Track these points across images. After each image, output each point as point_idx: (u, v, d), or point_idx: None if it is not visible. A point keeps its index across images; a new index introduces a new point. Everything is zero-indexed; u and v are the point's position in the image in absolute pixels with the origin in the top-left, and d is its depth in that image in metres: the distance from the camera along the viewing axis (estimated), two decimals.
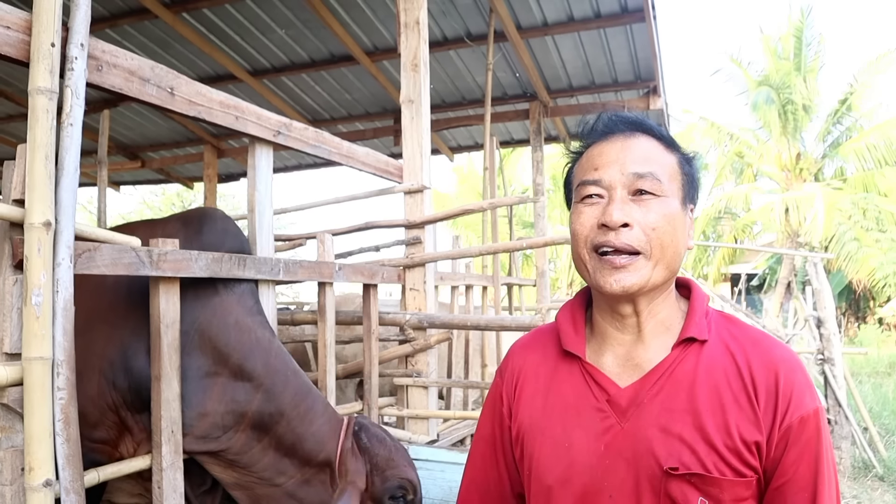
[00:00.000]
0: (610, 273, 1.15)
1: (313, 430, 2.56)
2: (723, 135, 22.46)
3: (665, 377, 1.17)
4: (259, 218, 2.91)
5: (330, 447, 2.56)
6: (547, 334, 1.37)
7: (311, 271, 3.10)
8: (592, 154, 1.24)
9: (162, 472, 2.35)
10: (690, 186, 1.23)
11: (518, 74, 7.74)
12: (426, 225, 4.02)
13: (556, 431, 1.22)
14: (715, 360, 1.17)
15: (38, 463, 1.82)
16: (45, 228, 1.85)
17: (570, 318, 1.32)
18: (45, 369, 1.84)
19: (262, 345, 2.55)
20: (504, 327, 3.68)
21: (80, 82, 1.98)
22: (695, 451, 1.10)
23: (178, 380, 2.38)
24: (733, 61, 21.79)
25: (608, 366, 1.23)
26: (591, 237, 1.18)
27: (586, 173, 1.22)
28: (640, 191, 1.17)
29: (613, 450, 1.15)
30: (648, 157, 1.19)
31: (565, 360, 1.28)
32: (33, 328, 1.83)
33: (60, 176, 1.93)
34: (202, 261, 2.46)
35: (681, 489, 1.09)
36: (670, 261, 1.17)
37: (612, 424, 1.17)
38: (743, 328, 1.23)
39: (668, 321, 1.23)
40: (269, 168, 2.98)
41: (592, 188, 1.20)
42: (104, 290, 2.46)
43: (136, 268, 2.20)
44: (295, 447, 2.52)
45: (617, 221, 1.14)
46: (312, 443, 2.54)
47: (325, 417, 2.62)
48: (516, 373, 1.34)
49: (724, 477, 1.09)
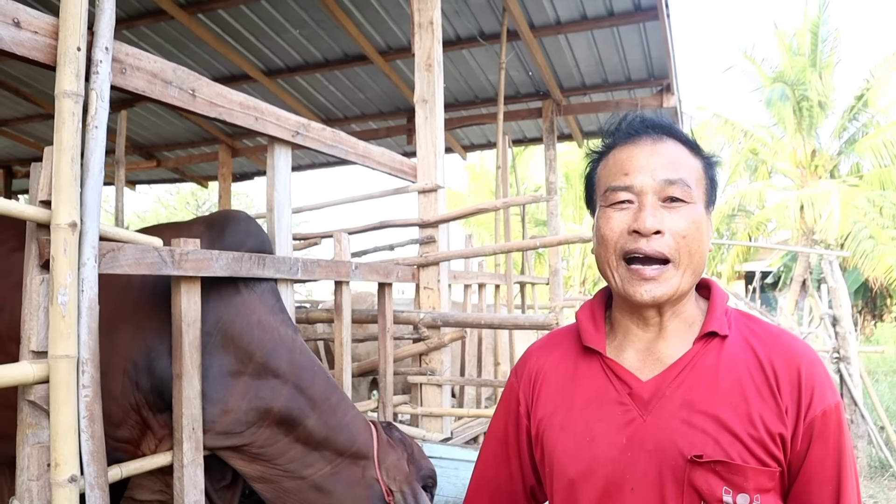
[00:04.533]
0: (640, 284, 1.17)
1: (346, 421, 2.60)
2: (737, 132, 22.34)
3: (687, 370, 1.19)
4: (278, 217, 2.94)
5: (363, 439, 2.60)
6: (565, 335, 1.39)
7: (329, 270, 3.13)
8: (620, 157, 1.24)
9: (183, 468, 2.39)
10: (712, 190, 1.25)
11: (531, 73, 7.75)
12: (440, 224, 4.04)
13: (577, 426, 1.24)
14: (736, 354, 1.19)
15: (64, 459, 1.86)
16: (71, 229, 1.89)
17: (590, 315, 1.33)
18: (70, 367, 1.88)
19: (285, 343, 2.58)
20: (518, 326, 3.70)
21: (104, 85, 2.01)
22: (718, 441, 1.11)
23: (199, 378, 2.42)
24: (747, 57, 21.66)
25: (629, 360, 1.24)
26: (620, 243, 1.19)
27: (615, 178, 1.23)
28: (670, 198, 1.18)
29: (635, 442, 1.17)
30: (678, 162, 1.20)
31: (585, 357, 1.30)
32: (59, 327, 1.87)
33: (86, 177, 1.97)
34: (223, 260, 2.50)
35: (705, 478, 1.10)
36: (696, 266, 1.19)
37: (634, 417, 1.18)
38: (762, 325, 1.24)
39: (690, 319, 1.25)
40: (287, 168, 3.01)
41: (623, 194, 1.20)
42: (129, 291, 2.51)
43: (158, 267, 2.24)
44: (327, 439, 2.56)
45: (650, 229, 1.15)
46: (346, 434, 2.58)
47: (355, 411, 2.67)
48: (534, 373, 1.36)
49: (749, 465, 1.10)
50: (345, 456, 2.60)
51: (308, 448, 2.57)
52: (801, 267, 20.37)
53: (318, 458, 2.58)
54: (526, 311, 6.67)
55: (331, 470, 2.59)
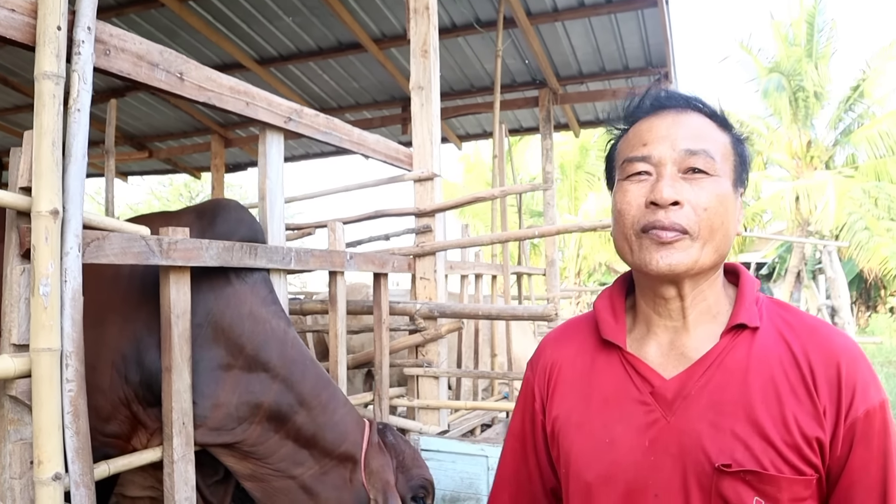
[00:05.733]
0: (656, 250, 1.08)
1: (335, 420, 2.52)
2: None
3: (714, 367, 1.10)
4: (270, 206, 2.86)
5: (352, 440, 2.53)
6: (582, 325, 1.30)
7: (323, 260, 3.05)
8: (640, 129, 1.16)
9: (173, 464, 2.31)
10: (742, 168, 1.16)
11: (527, 61, 7.66)
12: (436, 213, 3.97)
13: (595, 427, 1.16)
14: (768, 348, 1.10)
15: (47, 456, 1.79)
16: (53, 217, 1.81)
17: (609, 305, 1.24)
18: (53, 361, 1.81)
19: (277, 335, 2.51)
20: (516, 316, 3.63)
21: (87, 67, 1.93)
22: (749, 447, 1.03)
23: (188, 371, 2.34)
24: (743, 48, 21.57)
25: (651, 356, 1.16)
26: (638, 217, 1.11)
27: (633, 149, 1.15)
28: (692, 169, 1.10)
29: (659, 446, 1.09)
30: (701, 134, 1.12)
31: (604, 351, 1.21)
32: (41, 319, 1.79)
33: (68, 163, 1.88)
34: (213, 250, 2.42)
35: (734, 488, 1.02)
36: (719, 244, 1.10)
37: (657, 418, 1.10)
38: (798, 315, 1.15)
39: (716, 308, 1.16)
40: (280, 155, 2.93)
41: (640, 164, 1.13)
42: (118, 282, 2.43)
43: (145, 257, 2.16)
44: (315, 438, 2.49)
45: (667, 199, 1.07)
46: (334, 434, 2.51)
47: (346, 409, 2.59)
48: (549, 366, 1.28)
49: (783, 475, 1.01)
50: (332, 456, 2.53)
51: (298, 446, 2.50)
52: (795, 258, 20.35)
53: (308, 457, 2.51)
54: (522, 301, 6.60)
55: (319, 470, 2.52)
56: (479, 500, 3.72)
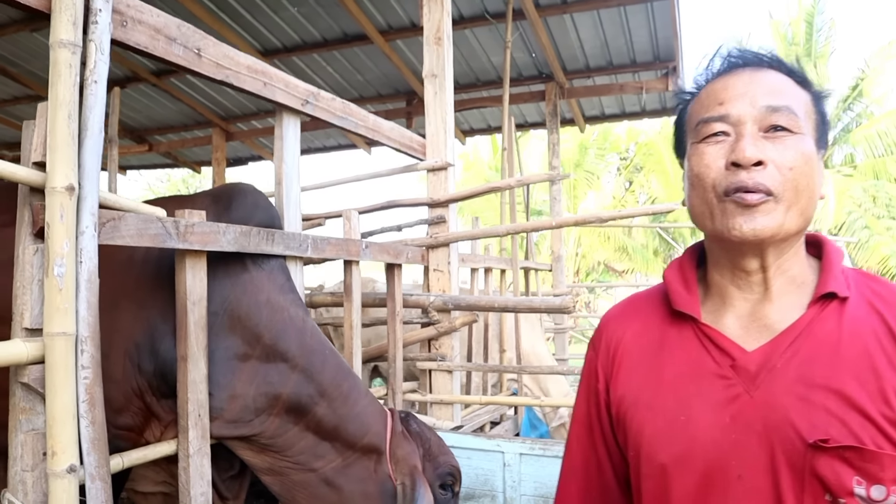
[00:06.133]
0: (739, 214, 1.00)
1: (357, 410, 2.43)
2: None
3: (802, 338, 1.01)
4: (286, 191, 2.76)
5: (375, 430, 2.44)
6: (647, 300, 1.21)
7: (339, 248, 2.96)
8: (715, 89, 1.08)
9: (188, 458, 2.22)
10: (824, 128, 1.08)
11: (534, 54, 7.57)
12: (450, 203, 3.88)
13: (667, 404, 1.07)
14: (860, 319, 1.01)
15: (62, 447, 1.68)
16: (68, 193, 1.71)
17: (680, 276, 1.16)
18: (68, 346, 1.70)
19: (295, 324, 2.41)
20: (533, 309, 3.54)
21: (104, 37, 1.83)
22: (845, 422, 0.94)
23: (205, 360, 2.25)
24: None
25: (730, 328, 1.07)
26: (718, 180, 1.02)
27: (709, 109, 1.07)
28: (773, 126, 1.01)
29: (741, 422, 1.00)
30: (782, 90, 1.04)
31: (675, 324, 1.12)
32: (55, 301, 1.68)
33: (84, 137, 1.78)
34: (230, 234, 2.32)
35: (832, 467, 0.93)
36: (805, 207, 1.01)
37: (739, 393, 1.01)
38: (887, 286, 1.06)
39: (800, 278, 1.07)
40: (296, 139, 2.83)
41: (717, 125, 1.04)
42: (131, 267, 2.33)
43: (162, 239, 2.06)
44: (337, 430, 2.39)
45: (750, 158, 0.99)
46: (356, 425, 2.41)
47: (367, 399, 2.49)
48: (613, 344, 1.19)
49: (885, 451, 0.92)
50: (356, 448, 2.43)
51: (318, 438, 2.41)
52: None
53: (329, 449, 2.42)
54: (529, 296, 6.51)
55: (342, 463, 2.42)
56: (494, 498, 3.63)
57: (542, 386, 5.62)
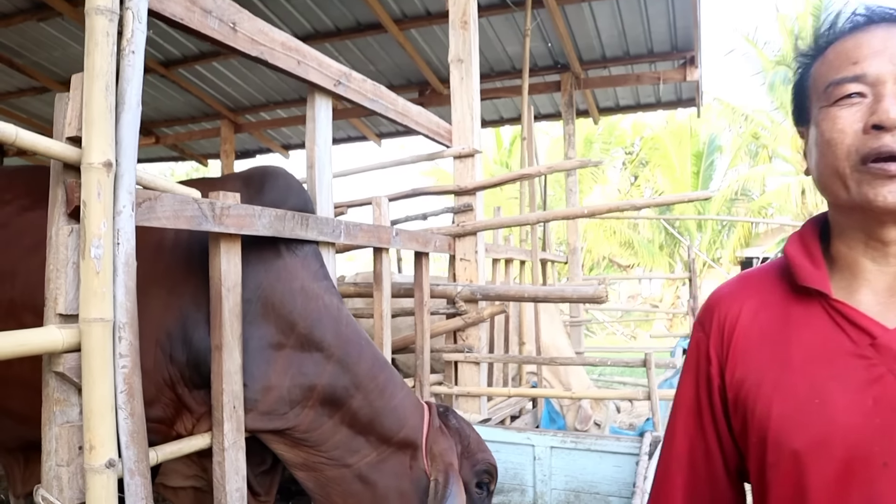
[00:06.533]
0: (881, 184, 0.90)
1: (394, 404, 2.33)
2: (737, 116, 22.14)
3: None
4: (319, 175, 2.66)
5: (412, 425, 2.34)
6: (762, 276, 1.10)
7: (370, 235, 2.85)
8: (845, 47, 0.98)
9: (223, 451, 2.11)
10: None
11: (550, 44, 7.44)
12: (477, 191, 3.77)
13: (798, 387, 0.96)
14: None
15: (100, 441, 1.58)
16: (106, 170, 1.60)
17: (804, 250, 1.05)
18: (105, 332, 1.60)
19: (330, 312, 2.31)
20: (565, 298, 3.43)
21: (142, 4, 1.72)
22: None
23: (240, 350, 2.14)
24: (748, 41, 21.44)
25: (866, 304, 0.97)
26: (856, 146, 0.92)
27: (840, 70, 0.96)
28: None
29: (886, 405, 0.90)
30: None
31: (800, 301, 1.02)
32: (92, 285, 1.58)
33: (121, 111, 1.68)
34: (265, 218, 2.21)
35: None
36: None
37: (882, 374, 0.91)
38: None
39: None
40: (328, 121, 2.73)
41: (852, 85, 0.94)
42: (161, 252, 2.22)
43: (197, 221, 1.95)
44: (372, 423, 2.29)
45: (895, 119, 0.89)
46: (392, 419, 2.31)
47: (404, 392, 2.39)
48: (726, 324, 1.08)
49: None
50: (391, 443, 2.33)
51: (353, 432, 2.31)
52: None
53: (364, 443, 2.32)
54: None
55: (376, 458, 2.32)
56: (524, 492, 3.53)
57: (562, 380, 5.52)
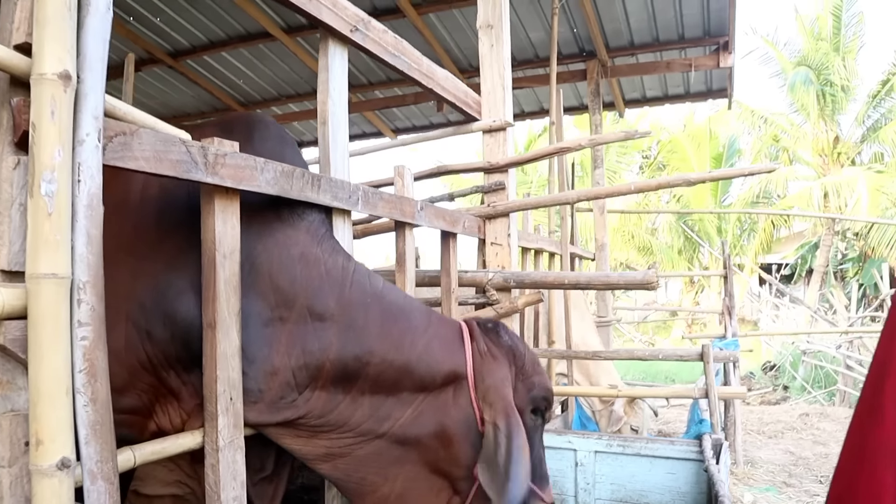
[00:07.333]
0: None
1: (417, 353, 1.97)
2: (756, 119, 21.72)
3: None
4: (332, 132, 2.29)
5: (450, 362, 1.99)
6: None
7: (392, 206, 2.48)
8: None
9: (217, 452, 1.74)
10: None
11: (576, 29, 7.06)
12: (510, 168, 3.39)
13: None
14: None
15: (49, 434, 1.21)
16: (62, 83, 1.23)
17: None
18: (59, 292, 1.23)
19: (333, 276, 1.95)
20: (610, 285, 3.04)
21: None
22: None
23: (237, 328, 1.77)
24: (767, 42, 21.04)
25: None
26: None
27: None
28: None
29: None
30: None
31: None
32: (43, 230, 1.21)
33: (85, 14, 1.31)
34: (269, 172, 1.84)
35: None
36: None
37: None
38: None
39: None
40: (343, 72, 2.37)
41: None
42: (126, 211, 1.85)
43: (185, 168, 1.59)
44: (398, 383, 1.94)
45: None
46: (420, 368, 1.96)
47: (431, 332, 2.03)
48: None
49: None
50: (427, 391, 1.97)
51: (378, 399, 1.94)
52: (821, 258, 19.78)
53: (395, 405, 1.96)
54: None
55: (412, 414, 1.96)
56: (563, 502, 3.13)
57: (593, 381, 5.13)
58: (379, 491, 1.97)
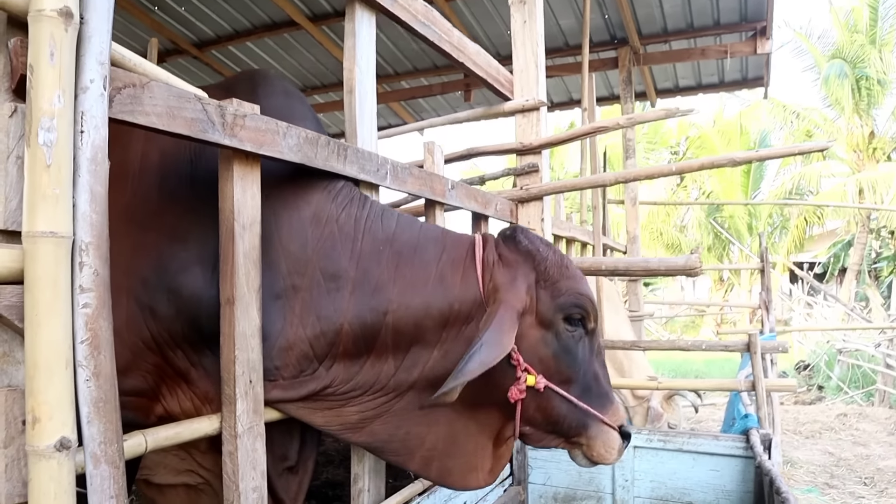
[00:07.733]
0: None
1: (429, 289, 1.82)
2: (788, 113, 21.29)
3: None
4: (360, 102, 2.16)
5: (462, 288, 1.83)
6: None
7: (422, 183, 2.34)
8: None
9: (236, 439, 1.61)
10: None
11: (607, 15, 6.87)
12: (543, 149, 3.23)
13: None
14: None
15: (47, 411, 1.08)
16: (63, 20, 1.11)
17: None
18: (59, 253, 1.10)
19: (345, 231, 1.82)
20: (650, 271, 2.87)
21: None
22: None
23: (258, 305, 1.64)
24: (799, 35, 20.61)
25: None
26: None
27: None
28: None
29: None
30: None
31: None
32: (40, 183, 1.09)
33: None
34: (292, 138, 1.71)
35: None
36: None
37: None
38: None
39: None
40: (371, 39, 2.24)
41: None
42: (124, 179, 1.73)
43: (201, 127, 1.46)
44: (421, 324, 1.80)
45: None
46: (441, 303, 1.81)
47: (444, 258, 1.88)
48: None
49: None
50: (449, 322, 1.82)
51: (404, 345, 1.81)
52: (856, 256, 19.34)
53: (421, 348, 1.82)
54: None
55: (439, 354, 1.82)
56: (600, 500, 2.98)
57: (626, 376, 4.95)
58: (426, 441, 1.83)
